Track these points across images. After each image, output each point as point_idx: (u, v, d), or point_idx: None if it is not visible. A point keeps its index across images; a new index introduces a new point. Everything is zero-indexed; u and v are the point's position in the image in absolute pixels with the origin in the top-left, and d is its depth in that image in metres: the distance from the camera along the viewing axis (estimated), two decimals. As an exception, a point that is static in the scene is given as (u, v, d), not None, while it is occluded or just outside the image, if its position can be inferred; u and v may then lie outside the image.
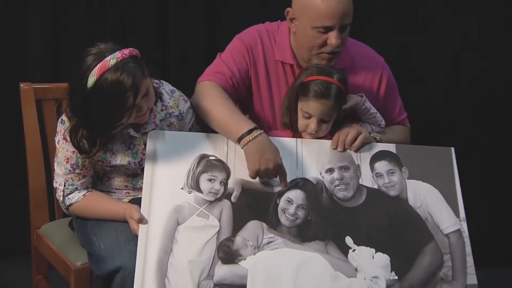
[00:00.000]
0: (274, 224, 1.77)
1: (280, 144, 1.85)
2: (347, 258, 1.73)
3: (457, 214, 1.84)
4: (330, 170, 1.87)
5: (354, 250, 1.75)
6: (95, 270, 1.81)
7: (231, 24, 2.13)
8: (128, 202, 1.92)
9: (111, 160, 1.88)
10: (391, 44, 2.77)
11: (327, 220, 1.79)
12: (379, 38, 2.64)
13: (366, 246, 1.75)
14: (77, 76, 1.72)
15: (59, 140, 1.87)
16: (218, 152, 1.86)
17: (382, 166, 1.89)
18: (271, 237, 1.74)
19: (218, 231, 1.74)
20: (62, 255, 1.99)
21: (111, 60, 1.70)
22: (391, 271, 1.73)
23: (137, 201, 1.87)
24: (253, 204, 1.79)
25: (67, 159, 1.87)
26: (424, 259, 1.76)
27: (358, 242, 1.76)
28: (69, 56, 2.74)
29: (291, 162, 1.86)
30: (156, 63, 2.78)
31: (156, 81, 1.91)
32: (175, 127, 1.94)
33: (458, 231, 1.82)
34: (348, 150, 1.91)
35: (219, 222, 1.75)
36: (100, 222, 1.86)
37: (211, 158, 1.84)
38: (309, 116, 1.90)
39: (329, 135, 1.95)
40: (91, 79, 1.69)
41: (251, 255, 1.71)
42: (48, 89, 2.22)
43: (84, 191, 1.90)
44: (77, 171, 1.88)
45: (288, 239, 1.75)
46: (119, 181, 1.95)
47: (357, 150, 1.90)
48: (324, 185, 1.84)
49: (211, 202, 1.78)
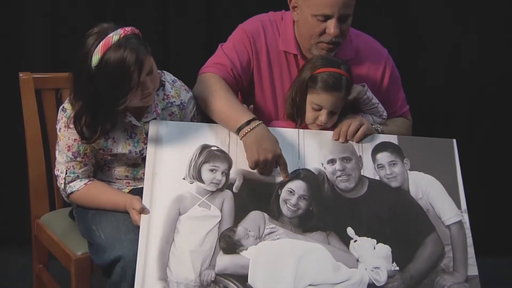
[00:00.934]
0: (275, 214, 1.77)
1: (282, 135, 1.86)
2: (348, 248, 1.74)
3: (458, 206, 1.85)
4: (332, 161, 1.87)
5: (355, 241, 1.75)
6: (96, 259, 1.81)
7: (231, 26, 2.13)
8: (128, 192, 1.92)
9: (113, 148, 1.88)
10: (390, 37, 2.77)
11: (328, 210, 1.79)
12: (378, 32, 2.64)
13: (368, 237, 1.76)
14: (80, 56, 1.72)
15: (60, 128, 1.86)
16: (220, 142, 1.85)
17: (384, 157, 1.89)
18: (272, 227, 1.74)
19: (220, 221, 1.74)
20: (63, 244, 1.99)
21: (113, 36, 1.70)
22: (393, 262, 1.73)
23: (137, 191, 1.87)
24: (254, 195, 1.79)
25: (69, 147, 1.86)
26: (426, 250, 1.77)
27: (359, 233, 1.76)
28: (69, 46, 2.72)
29: (293, 153, 1.85)
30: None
31: (158, 71, 1.91)
32: (176, 117, 1.94)
33: (459, 223, 1.82)
34: (350, 141, 1.90)
35: (221, 212, 1.75)
36: (101, 212, 1.86)
37: (213, 148, 1.84)
38: (319, 108, 1.90)
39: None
40: (95, 57, 1.69)
41: (253, 245, 1.71)
42: (47, 78, 2.22)
43: (86, 180, 1.90)
44: (78, 159, 1.87)
45: (290, 230, 1.75)
46: (119, 171, 1.95)
47: (359, 141, 1.90)
48: (326, 176, 1.84)
49: (212, 192, 1.77)
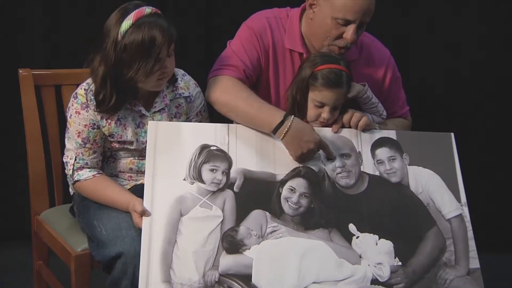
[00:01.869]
0: (277, 213, 1.77)
1: None
2: (351, 245, 1.74)
3: (458, 199, 1.86)
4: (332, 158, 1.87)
5: (357, 237, 1.75)
6: (96, 255, 1.81)
7: (231, 25, 2.11)
8: (129, 188, 1.93)
9: (122, 134, 1.89)
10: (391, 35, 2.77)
11: (330, 207, 1.79)
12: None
13: (370, 232, 1.76)
14: (110, 24, 1.76)
15: (71, 115, 1.87)
16: (219, 142, 1.84)
17: (383, 152, 1.90)
18: (274, 226, 1.75)
19: (222, 221, 1.73)
20: (63, 241, 1.99)
21: (147, 8, 1.77)
22: (395, 257, 1.74)
23: (138, 189, 1.87)
24: (256, 194, 1.78)
25: (79, 133, 1.87)
26: (427, 244, 1.78)
27: (361, 229, 1.76)
28: (68, 42, 2.72)
29: (293, 151, 1.85)
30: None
31: None
32: (182, 109, 1.96)
33: (460, 216, 1.83)
34: (349, 138, 1.90)
35: (223, 212, 1.75)
36: (103, 208, 1.86)
37: (212, 148, 1.83)
38: (321, 106, 1.90)
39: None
40: (127, 22, 1.73)
41: (255, 244, 1.71)
42: (47, 75, 2.21)
43: (95, 172, 1.90)
44: (87, 145, 1.88)
45: (292, 228, 1.75)
46: (124, 163, 1.95)
47: (362, 129, 1.89)
48: (326, 172, 1.84)
49: (213, 192, 1.77)
